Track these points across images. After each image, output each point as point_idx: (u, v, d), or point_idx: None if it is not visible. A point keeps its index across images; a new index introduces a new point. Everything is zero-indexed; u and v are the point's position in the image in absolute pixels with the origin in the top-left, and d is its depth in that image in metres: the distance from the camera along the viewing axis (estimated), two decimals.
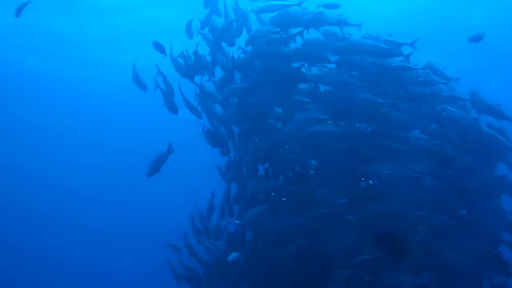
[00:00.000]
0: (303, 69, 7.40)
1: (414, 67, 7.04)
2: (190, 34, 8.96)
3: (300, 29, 7.36)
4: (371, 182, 7.10)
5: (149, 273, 24.41)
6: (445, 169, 6.97)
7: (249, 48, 7.79)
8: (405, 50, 7.31)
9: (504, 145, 7.00)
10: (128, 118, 24.45)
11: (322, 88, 7.32)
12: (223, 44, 8.45)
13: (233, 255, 7.64)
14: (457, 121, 6.81)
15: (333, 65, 7.27)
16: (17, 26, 17.70)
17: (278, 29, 7.52)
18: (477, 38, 8.20)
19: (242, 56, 8.02)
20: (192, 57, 8.54)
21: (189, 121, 8.72)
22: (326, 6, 7.48)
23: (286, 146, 7.55)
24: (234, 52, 8.14)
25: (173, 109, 8.67)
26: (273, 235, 7.35)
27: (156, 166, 7.95)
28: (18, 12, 8.41)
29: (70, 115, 24.23)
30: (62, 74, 21.57)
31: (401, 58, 7.28)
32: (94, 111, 24.10)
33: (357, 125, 7.10)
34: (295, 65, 7.36)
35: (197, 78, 8.66)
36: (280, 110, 7.82)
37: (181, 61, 8.64)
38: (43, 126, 24.37)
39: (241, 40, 8.11)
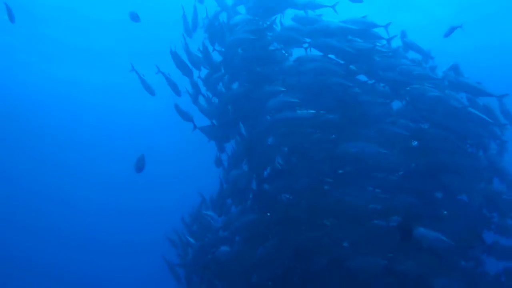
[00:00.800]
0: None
1: (382, 49, 6.94)
2: (188, 32, 9.19)
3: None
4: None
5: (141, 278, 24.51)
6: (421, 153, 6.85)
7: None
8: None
9: (482, 119, 6.75)
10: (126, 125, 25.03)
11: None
12: None
13: (222, 249, 7.78)
14: (423, 96, 6.60)
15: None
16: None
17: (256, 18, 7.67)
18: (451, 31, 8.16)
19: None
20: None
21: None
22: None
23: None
24: None
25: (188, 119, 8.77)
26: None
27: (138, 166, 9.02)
28: (10, 17, 8.96)
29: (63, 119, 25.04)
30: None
31: (384, 42, 7.27)
32: (90, 116, 24.87)
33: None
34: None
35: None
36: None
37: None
38: (36, 129, 25.33)
39: None
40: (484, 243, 6.83)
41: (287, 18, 7.57)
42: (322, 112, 7.00)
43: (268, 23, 7.62)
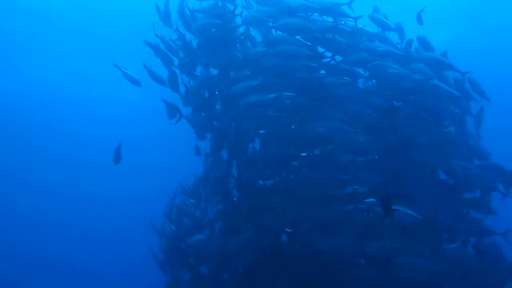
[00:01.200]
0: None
1: (342, 26, 6.83)
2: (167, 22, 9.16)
3: None
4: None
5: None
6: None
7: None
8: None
9: (448, 93, 6.60)
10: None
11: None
12: None
13: (197, 237, 7.82)
14: (385, 73, 6.47)
15: None
16: None
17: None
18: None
19: None
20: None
21: None
22: None
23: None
24: None
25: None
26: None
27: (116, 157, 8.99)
28: None
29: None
30: None
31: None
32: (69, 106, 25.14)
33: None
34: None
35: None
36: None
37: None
38: (16, 119, 25.51)
39: None
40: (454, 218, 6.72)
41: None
42: (288, 94, 6.95)
43: (230, 8, 7.58)
